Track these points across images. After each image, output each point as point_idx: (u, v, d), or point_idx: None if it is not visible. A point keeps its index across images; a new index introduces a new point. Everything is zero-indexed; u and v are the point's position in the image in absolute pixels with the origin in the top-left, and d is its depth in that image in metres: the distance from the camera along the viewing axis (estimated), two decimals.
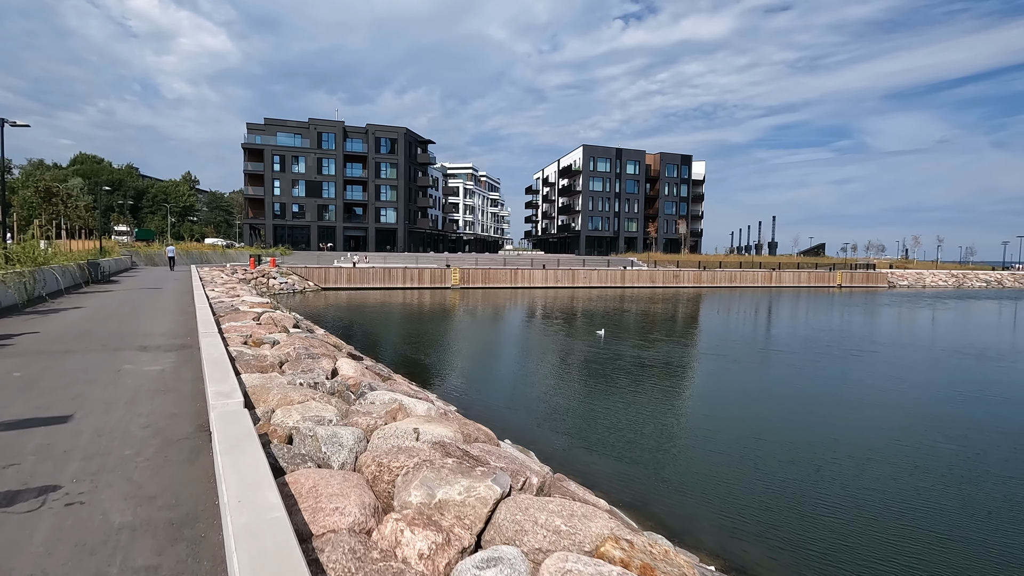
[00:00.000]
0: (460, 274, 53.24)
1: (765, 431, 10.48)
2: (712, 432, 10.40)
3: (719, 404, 12.70)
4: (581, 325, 27.50)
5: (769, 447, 9.56)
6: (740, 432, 10.39)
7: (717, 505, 7.22)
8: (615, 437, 9.95)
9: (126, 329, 9.88)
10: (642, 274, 62.03)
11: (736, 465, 8.73)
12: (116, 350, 7.90)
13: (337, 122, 72.17)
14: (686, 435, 10.33)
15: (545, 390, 13.48)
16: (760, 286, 68.59)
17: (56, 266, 16.90)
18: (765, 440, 9.94)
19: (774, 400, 13.07)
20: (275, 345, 8.75)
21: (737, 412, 11.90)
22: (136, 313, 12.17)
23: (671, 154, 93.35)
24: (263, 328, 10.08)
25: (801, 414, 11.90)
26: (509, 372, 15.89)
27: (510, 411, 11.55)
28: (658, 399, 12.90)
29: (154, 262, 44.00)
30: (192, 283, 21.15)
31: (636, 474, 8.25)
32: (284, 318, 12.18)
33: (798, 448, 9.50)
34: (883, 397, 13.35)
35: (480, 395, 12.82)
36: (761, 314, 35.36)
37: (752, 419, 11.32)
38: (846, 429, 10.69)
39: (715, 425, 10.86)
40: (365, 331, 23.49)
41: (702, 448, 9.52)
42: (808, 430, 10.69)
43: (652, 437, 10.03)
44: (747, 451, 9.36)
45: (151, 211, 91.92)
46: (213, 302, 14.69)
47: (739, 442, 9.81)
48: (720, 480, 8.10)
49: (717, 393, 13.89)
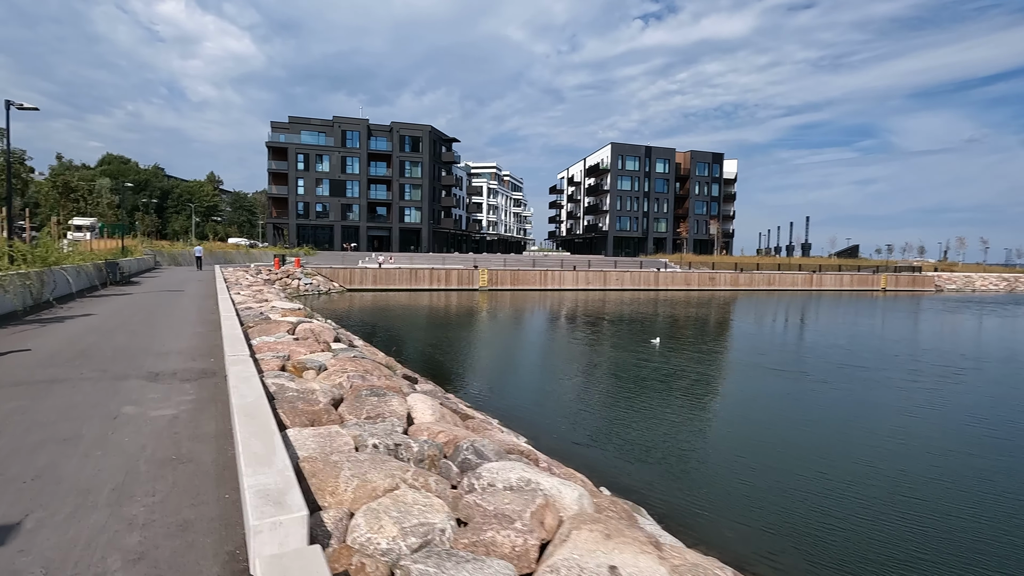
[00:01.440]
0: (488, 275, 51.33)
1: (863, 468, 8.18)
2: (813, 465, 8.13)
3: (811, 432, 10.39)
4: (628, 333, 25.25)
5: (870, 490, 7.28)
6: (842, 468, 8.11)
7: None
8: (753, 502, 7.76)
9: (137, 344, 8.02)
10: (676, 276, 59.38)
11: (832, 505, 6.49)
12: (119, 378, 6.00)
13: (361, 120, 70.91)
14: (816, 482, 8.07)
15: (621, 415, 11.33)
16: (800, 290, 65.38)
17: (69, 266, 15.29)
18: (867, 481, 7.66)
19: (875, 429, 10.70)
20: (321, 372, 6.78)
21: (835, 445, 9.58)
22: (152, 322, 10.36)
23: (702, 152, 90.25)
24: (302, 345, 8.14)
25: (907, 450, 9.54)
26: (573, 393, 13.76)
27: (596, 449, 9.43)
28: (759, 425, 10.64)
29: (178, 262, 42.95)
30: (216, 285, 19.49)
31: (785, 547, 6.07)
32: (323, 329, 10.26)
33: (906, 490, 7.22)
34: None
35: (553, 424, 10.72)
36: (818, 321, 32.59)
37: (849, 454, 9.01)
38: (959, 471, 8.32)
39: (813, 457, 8.58)
40: (398, 337, 21.58)
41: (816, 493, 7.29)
42: (914, 472, 8.35)
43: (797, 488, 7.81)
44: (845, 487, 7.10)
45: (176, 211, 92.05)
46: (240, 308, 12.88)
47: (841, 478, 7.54)
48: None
49: (806, 419, 11.55)
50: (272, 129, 70.56)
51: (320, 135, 70.25)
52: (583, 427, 10.56)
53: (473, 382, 14.21)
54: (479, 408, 10.57)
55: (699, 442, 9.96)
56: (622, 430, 10.40)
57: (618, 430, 10.40)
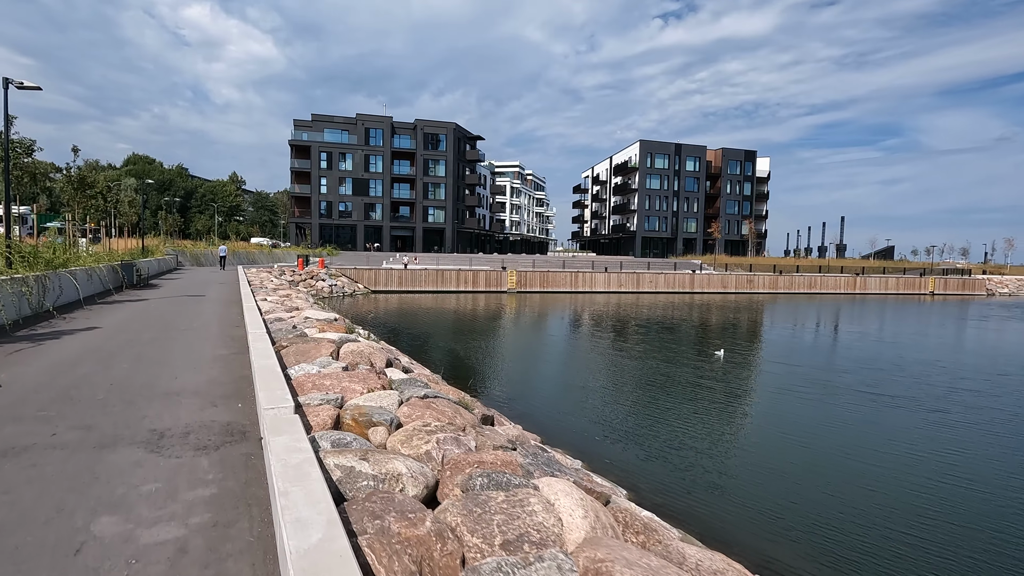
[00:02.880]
0: (517, 277, 49.27)
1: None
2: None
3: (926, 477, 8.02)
4: (682, 342, 22.92)
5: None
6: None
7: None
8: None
9: (141, 378, 6.10)
10: (713, 279, 56.61)
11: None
12: (104, 446, 4.04)
13: (385, 117, 69.45)
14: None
15: (704, 449, 9.12)
16: (843, 293, 62.08)
17: (79, 269, 13.59)
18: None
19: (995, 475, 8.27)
20: (394, 428, 4.76)
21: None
22: (165, 340, 8.47)
23: (733, 149, 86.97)
24: (355, 379, 6.12)
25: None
26: (649, 424, 11.56)
27: (698, 500, 7.26)
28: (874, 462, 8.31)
29: (200, 262, 41.72)
30: (240, 289, 17.73)
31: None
32: (371, 351, 8.26)
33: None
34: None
35: (648, 469, 8.58)
36: (883, 330, 29.76)
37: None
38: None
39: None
40: (434, 347, 19.59)
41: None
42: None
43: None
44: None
45: (199, 211, 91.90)
46: (268, 318, 10.98)
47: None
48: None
49: (926, 461, 9.17)
50: (295, 127, 69.48)
51: (343, 133, 68.95)
52: (688, 474, 8.37)
53: (534, 404, 12.11)
54: (552, 442, 8.49)
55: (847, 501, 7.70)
56: (697, 460, 8.19)
57: (691, 460, 8.20)
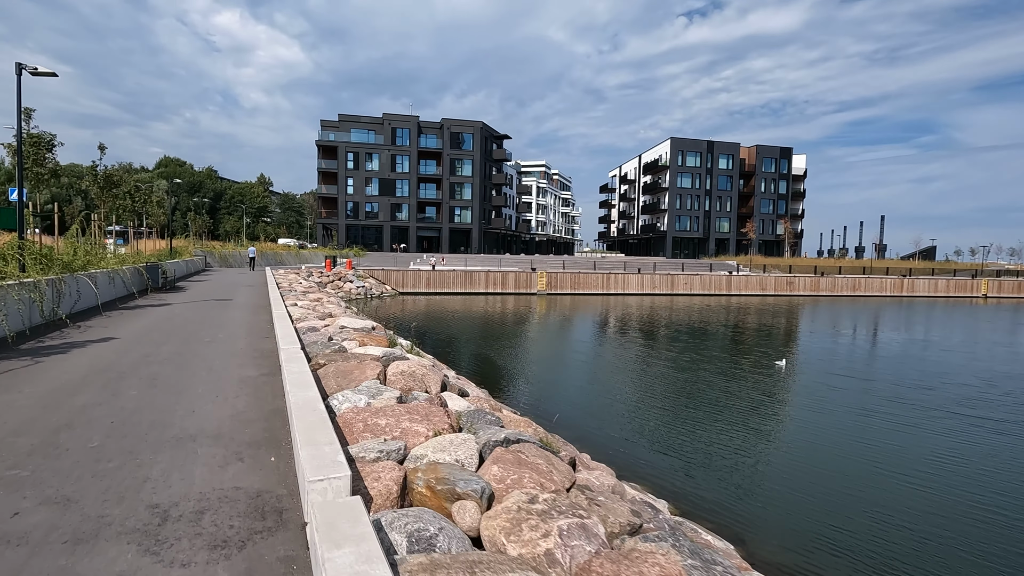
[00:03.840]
0: (547, 279, 47.82)
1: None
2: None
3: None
4: (732, 349, 21.16)
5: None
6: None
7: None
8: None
9: (151, 414, 4.88)
10: (751, 281, 54.21)
11: None
12: (79, 541, 2.78)
13: (411, 117, 68.73)
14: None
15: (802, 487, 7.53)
16: (888, 296, 58.91)
17: (100, 272, 12.67)
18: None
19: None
20: (489, 503, 3.42)
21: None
22: (185, 357, 7.31)
23: (768, 147, 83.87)
24: (416, 418, 4.80)
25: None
26: (714, 447, 10.01)
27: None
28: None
29: (228, 263, 41.38)
30: (269, 292, 16.73)
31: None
32: (423, 370, 6.96)
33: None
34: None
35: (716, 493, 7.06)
36: (952, 336, 27.31)
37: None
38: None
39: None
40: (468, 353, 18.27)
41: None
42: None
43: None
44: None
45: (228, 212, 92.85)
46: (301, 328, 9.81)
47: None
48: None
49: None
50: (322, 128, 69.29)
51: (370, 133, 68.47)
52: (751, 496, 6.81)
53: (600, 428, 10.66)
54: (626, 476, 7.03)
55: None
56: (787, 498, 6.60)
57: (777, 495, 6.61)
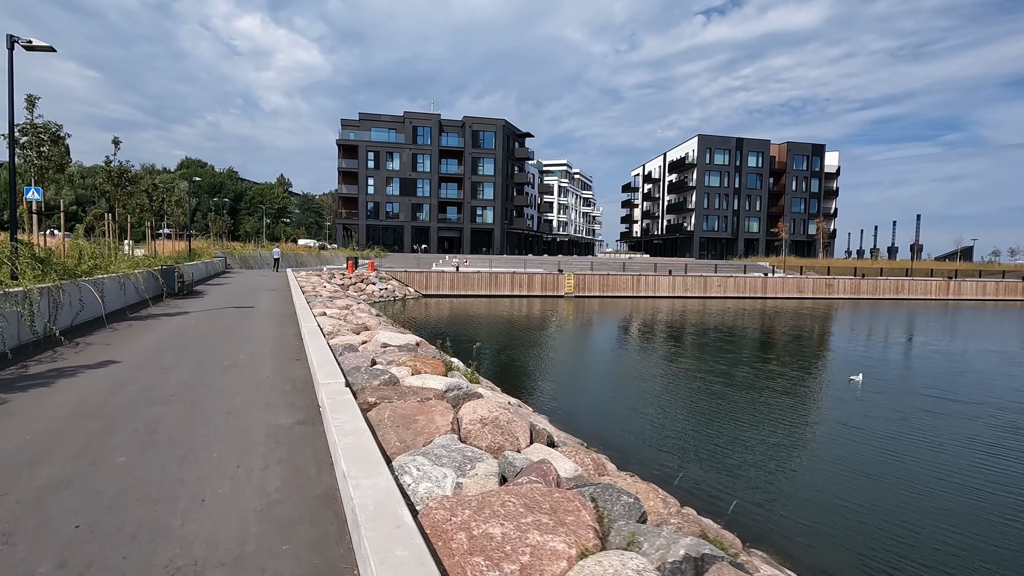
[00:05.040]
0: (574, 280, 45.98)
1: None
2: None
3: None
4: (789, 360, 19.11)
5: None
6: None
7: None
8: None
9: (134, 511, 3.26)
10: (787, 283, 51.70)
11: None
12: None
13: (433, 115, 67.41)
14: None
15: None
16: (934, 299, 55.85)
17: (108, 277, 11.25)
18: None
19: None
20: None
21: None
22: (197, 392, 5.71)
23: (799, 143, 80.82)
24: (543, 516, 3.13)
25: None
26: (810, 487, 8.13)
27: None
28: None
29: (249, 264, 40.32)
30: (292, 295, 15.25)
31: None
32: (507, 416, 5.27)
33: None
34: None
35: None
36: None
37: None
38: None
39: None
40: (511, 365, 16.54)
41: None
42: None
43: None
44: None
45: (248, 212, 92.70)
46: (336, 346, 8.20)
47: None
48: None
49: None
50: (342, 127, 68.32)
51: (391, 132, 67.31)
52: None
53: (698, 475, 8.86)
54: (727, 523, 5.24)
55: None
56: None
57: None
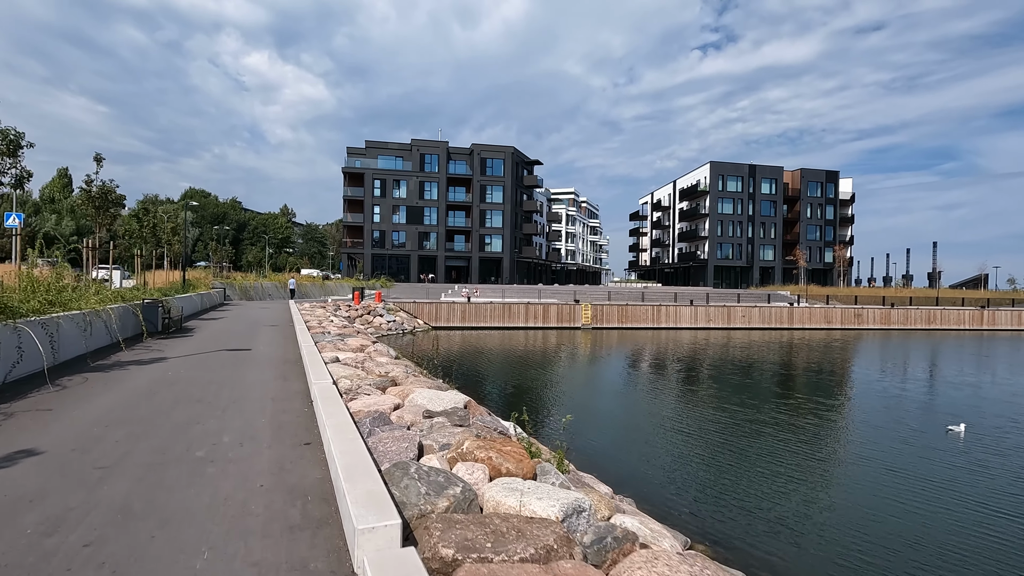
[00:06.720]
0: (592, 311, 43.55)
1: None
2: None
3: None
4: (845, 403, 16.48)
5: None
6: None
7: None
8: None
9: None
10: (814, 313, 49.20)
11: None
12: None
13: (441, 143, 66.26)
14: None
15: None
16: (967, 329, 53.29)
17: (64, 316, 8.90)
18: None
19: None
20: None
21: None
22: (143, 527, 3.24)
23: (813, 170, 79.58)
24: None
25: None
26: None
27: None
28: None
29: (249, 296, 37.98)
30: (296, 333, 12.83)
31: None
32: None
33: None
34: None
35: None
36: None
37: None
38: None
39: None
40: (544, 411, 13.97)
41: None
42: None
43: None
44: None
45: (251, 242, 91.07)
46: (360, 415, 5.77)
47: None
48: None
49: None
50: (348, 155, 67.15)
51: (398, 160, 66.06)
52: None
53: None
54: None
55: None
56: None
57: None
